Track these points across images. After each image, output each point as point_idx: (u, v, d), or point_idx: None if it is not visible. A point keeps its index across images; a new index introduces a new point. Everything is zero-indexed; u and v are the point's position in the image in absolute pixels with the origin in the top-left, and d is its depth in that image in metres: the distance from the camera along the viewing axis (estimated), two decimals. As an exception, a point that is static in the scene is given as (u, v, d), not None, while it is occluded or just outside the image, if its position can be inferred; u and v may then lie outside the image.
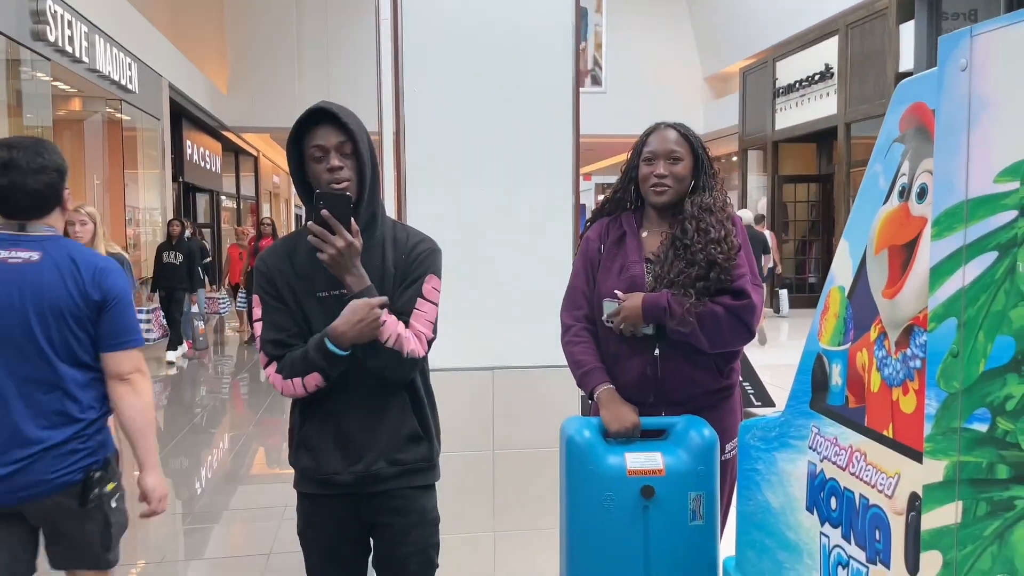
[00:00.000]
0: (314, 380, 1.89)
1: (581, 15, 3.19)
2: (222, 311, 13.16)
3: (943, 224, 1.21)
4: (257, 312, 1.97)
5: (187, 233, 10.39)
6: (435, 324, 1.99)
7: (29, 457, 2.01)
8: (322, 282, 1.93)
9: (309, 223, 1.84)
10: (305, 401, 1.97)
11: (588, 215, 2.61)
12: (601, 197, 2.62)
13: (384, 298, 1.88)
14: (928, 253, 1.32)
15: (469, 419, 3.08)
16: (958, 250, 1.18)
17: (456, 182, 3.08)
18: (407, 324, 1.92)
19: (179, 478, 5.29)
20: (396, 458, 1.97)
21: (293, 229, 16.33)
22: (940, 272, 1.21)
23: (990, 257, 1.13)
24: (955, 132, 1.19)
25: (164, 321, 10.02)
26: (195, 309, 10.26)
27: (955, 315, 1.18)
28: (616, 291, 2.31)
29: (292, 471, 2.05)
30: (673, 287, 2.24)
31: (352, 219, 1.85)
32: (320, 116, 1.87)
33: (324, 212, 1.81)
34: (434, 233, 2.10)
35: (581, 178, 3.30)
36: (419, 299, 1.95)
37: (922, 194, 1.40)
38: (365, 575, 2.12)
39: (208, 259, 11.36)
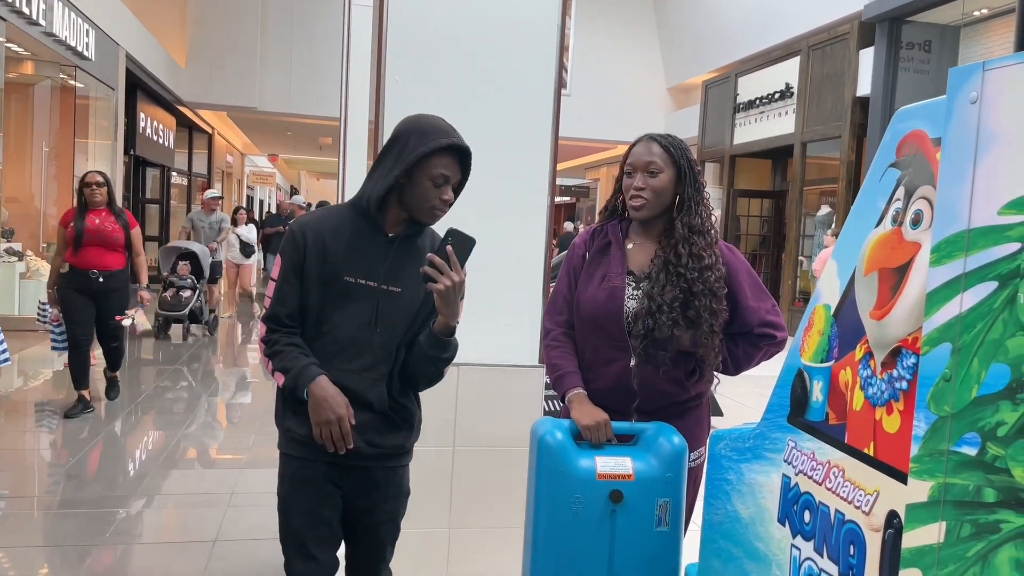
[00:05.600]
0: (281, 379, 2.05)
1: (568, 16, 3.18)
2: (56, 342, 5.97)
3: (943, 251, 1.24)
4: (276, 271, 2.08)
5: None
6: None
7: None
8: (355, 269, 2.05)
9: (430, 254, 1.97)
10: None
11: None
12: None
13: None
14: (921, 278, 1.36)
15: (431, 414, 3.03)
16: (957, 277, 1.21)
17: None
18: None
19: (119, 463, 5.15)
20: (374, 440, 2.10)
21: (242, 205, 15.75)
22: (937, 298, 1.24)
23: (990, 286, 1.16)
24: (961, 162, 1.22)
25: None
26: None
27: (950, 340, 1.21)
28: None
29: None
30: (661, 313, 2.23)
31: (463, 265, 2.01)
32: (455, 149, 2.07)
33: (449, 248, 1.97)
34: None
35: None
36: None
37: (917, 220, 1.43)
38: (339, 545, 2.22)
39: None
